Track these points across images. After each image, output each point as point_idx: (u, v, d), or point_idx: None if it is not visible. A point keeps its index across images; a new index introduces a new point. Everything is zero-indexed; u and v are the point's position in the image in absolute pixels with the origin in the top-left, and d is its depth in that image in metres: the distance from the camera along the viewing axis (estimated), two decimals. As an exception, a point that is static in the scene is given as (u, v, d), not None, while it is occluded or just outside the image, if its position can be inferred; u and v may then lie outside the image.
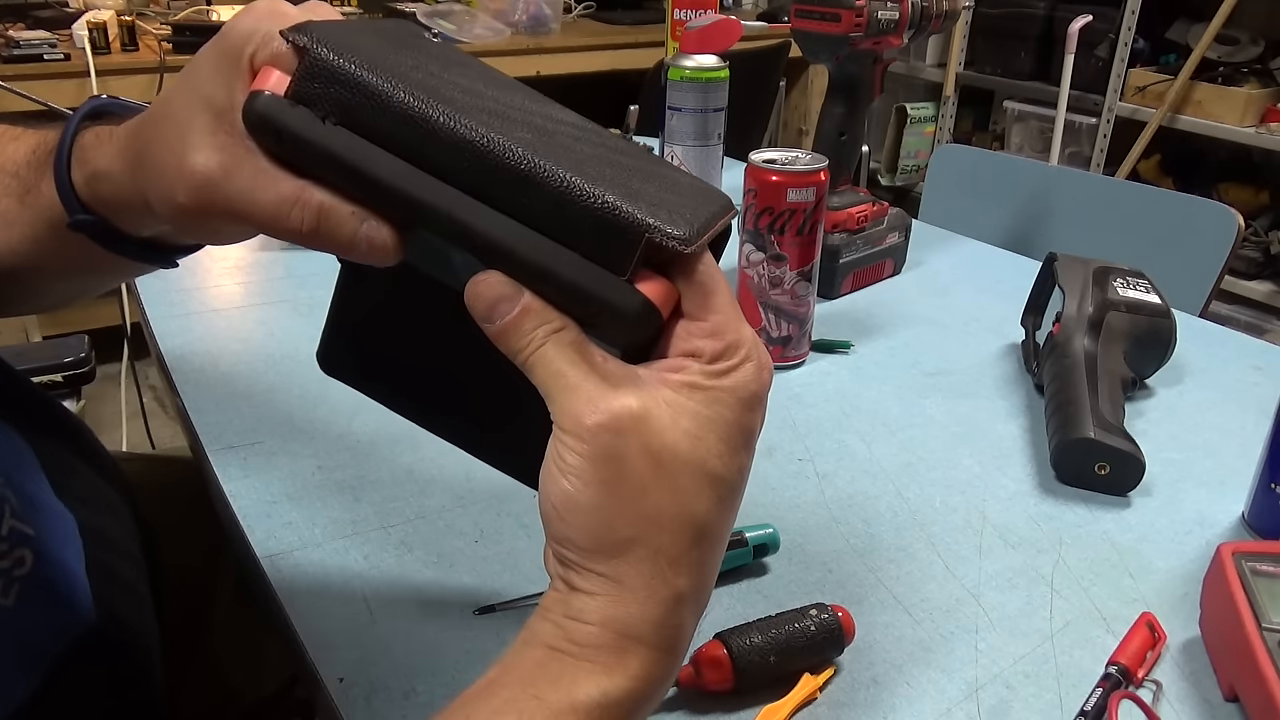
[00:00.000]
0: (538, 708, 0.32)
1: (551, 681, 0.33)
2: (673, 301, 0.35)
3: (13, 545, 0.41)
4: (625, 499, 0.33)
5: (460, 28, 2.39)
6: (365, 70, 0.33)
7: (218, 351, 0.79)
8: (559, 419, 0.33)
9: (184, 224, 0.38)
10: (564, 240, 0.33)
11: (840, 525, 0.60)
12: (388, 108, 0.33)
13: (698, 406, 0.34)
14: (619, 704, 0.33)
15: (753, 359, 0.35)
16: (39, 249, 0.47)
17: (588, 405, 0.33)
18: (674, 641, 0.34)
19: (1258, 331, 2.34)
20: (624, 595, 0.33)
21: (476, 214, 0.33)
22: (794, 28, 0.87)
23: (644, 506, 0.33)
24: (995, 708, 0.47)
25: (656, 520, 0.33)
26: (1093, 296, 0.75)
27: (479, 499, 0.61)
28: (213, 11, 2.41)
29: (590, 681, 0.33)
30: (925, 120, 3.16)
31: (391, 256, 0.35)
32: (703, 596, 0.35)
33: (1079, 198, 1.29)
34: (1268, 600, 0.47)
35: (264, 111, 0.33)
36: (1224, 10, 2.32)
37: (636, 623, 0.33)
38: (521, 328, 0.34)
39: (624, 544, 0.33)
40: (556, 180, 0.33)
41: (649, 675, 0.34)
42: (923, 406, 0.74)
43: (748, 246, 0.77)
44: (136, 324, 0.95)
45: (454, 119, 0.33)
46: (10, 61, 1.93)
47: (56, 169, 0.43)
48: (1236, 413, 0.75)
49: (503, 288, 0.34)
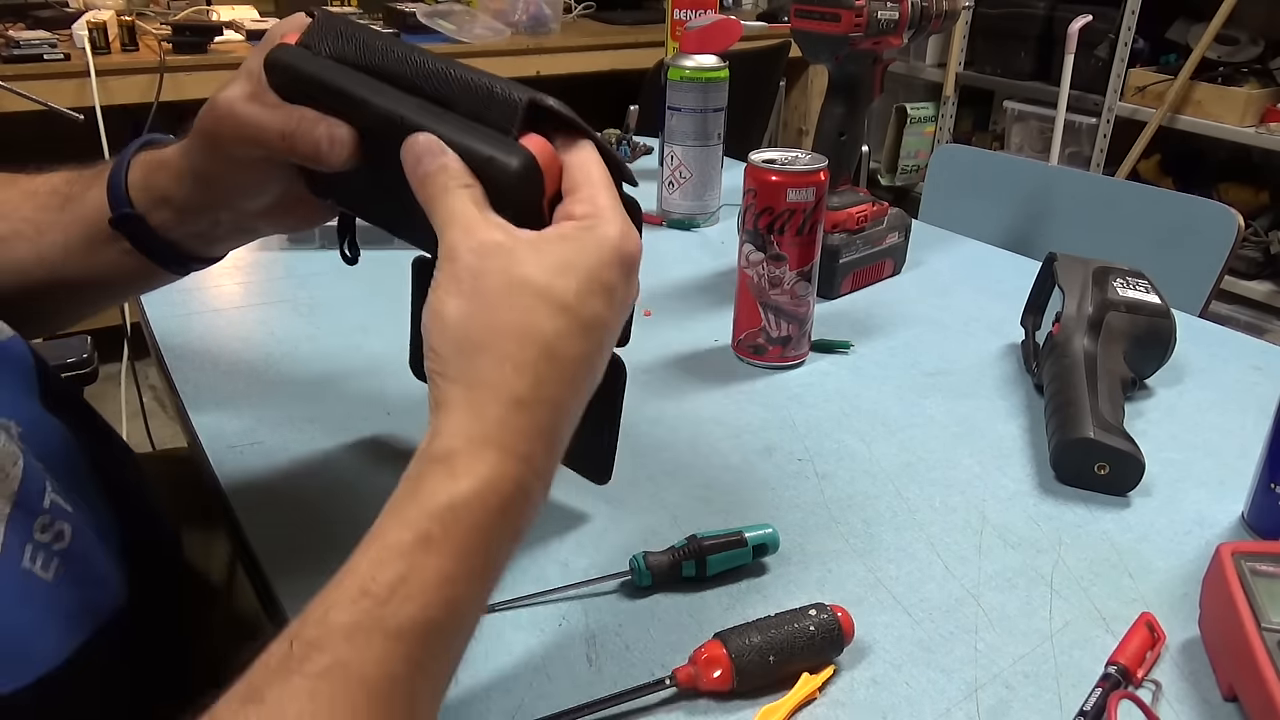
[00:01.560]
0: (394, 523, 0.36)
1: (410, 496, 0.36)
2: (555, 166, 0.42)
3: (54, 518, 0.44)
4: (481, 310, 0.39)
5: (460, 28, 2.39)
6: (348, 24, 0.48)
7: (218, 351, 0.79)
8: (442, 248, 0.40)
9: (206, 150, 0.50)
10: (470, 117, 0.43)
11: (840, 525, 0.60)
12: (360, 43, 0.47)
13: (559, 250, 0.40)
14: (467, 505, 0.36)
15: (617, 224, 0.41)
16: (67, 258, 0.55)
17: (464, 234, 0.40)
18: (518, 444, 0.38)
19: (1258, 331, 2.34)
20: (474, 400, 0.38)
21: (405, 104, 0.44)
22: (794, 28, 0.87)
23: (496, 318, 0.38)
24: (995, 708, 0.47)
25: (505, 331, 0.38)
26: (1092, 296, 0.75)
27: (478, 499, 0.61)
28: (213, 11, 2.41)
29: (440, 487, 0.36)
30: (925, 120, 3.16)
31: (348, 150, 0.46)
32: (549, 413, 0.39)
33: (1079, 198, 1.29)
34: (1267, 600, 0.47)
35: (276, 53, 0.48)
36: (1224, 10, 2.32)
37: (483, 425, 0.37)
38: (438, 179, 0.41)
39: (477, 348, 0.38)
40: (462, 77, 0.44)
41: (496, 476, 0.37)
42: (923, 406, 0.75)
43: (747, 246, 0.77)
44: (136, 324, 0.95)
45: (398, 50, 0.46)
46: (10, 61, 1.93)
47: (115, 170, 0.53)
48: (1236, 413, 0.75)
49: (431, 144, 0.42)
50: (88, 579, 0.45)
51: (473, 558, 0.36)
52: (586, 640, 0.50)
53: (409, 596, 0.34)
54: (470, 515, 0.36)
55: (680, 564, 0.54)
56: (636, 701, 0.46)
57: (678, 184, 1.10)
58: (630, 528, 0.59)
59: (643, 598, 0.53)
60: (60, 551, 0.43)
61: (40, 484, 0.43)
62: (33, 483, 0.43)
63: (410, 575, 0.34)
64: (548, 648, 0.50)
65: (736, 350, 0.81)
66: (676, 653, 0.49)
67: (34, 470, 0.43)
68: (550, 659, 0.49)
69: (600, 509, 0.61)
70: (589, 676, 0.48)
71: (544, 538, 0.58)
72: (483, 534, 0.36)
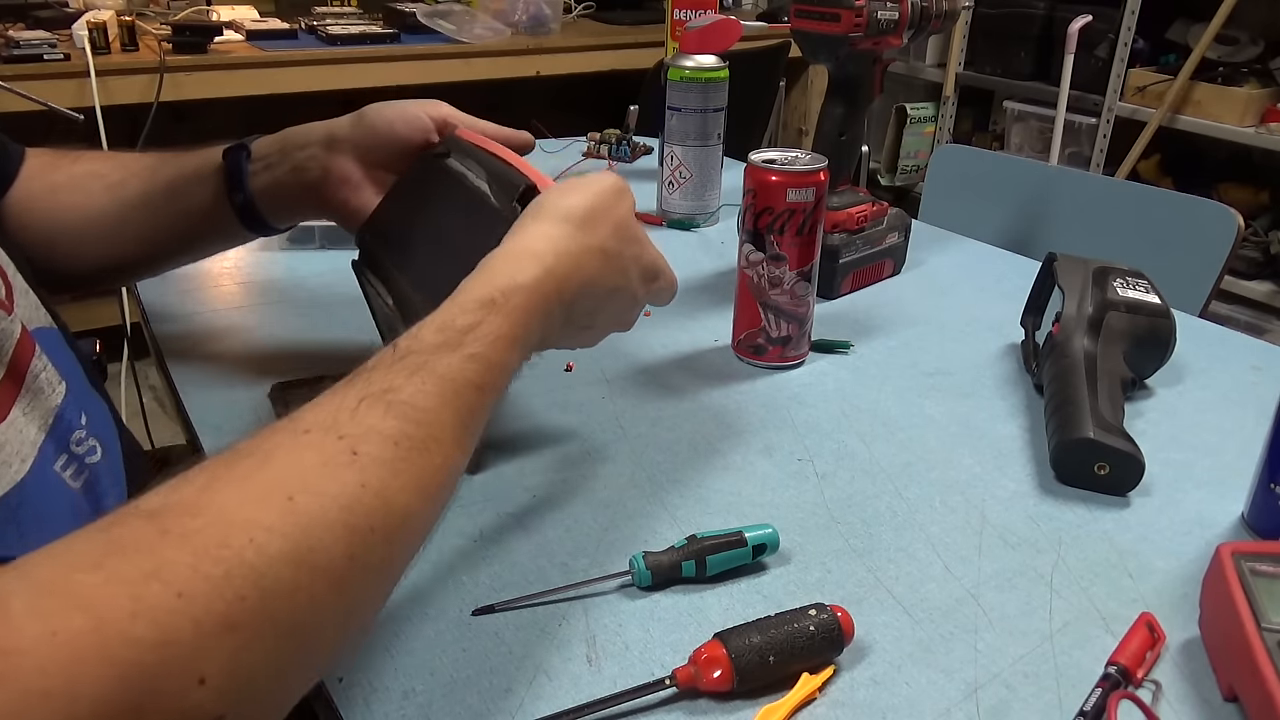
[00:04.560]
0: (472, 285, 0.50)
1: (485, 273, 0.51)
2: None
3: (89, 434, 0.55)
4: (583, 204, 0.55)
5: (460, 28, 2.39)
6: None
7: (218, 351, 0.79)
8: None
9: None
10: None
11: (840, 525, 0.60)
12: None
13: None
14: (521, 288, 0.49)
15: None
16: (170, 195, 0.70)
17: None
18: (559, 279, 0.51)
19: (1258, 331, 2.34)
20: (547, 235, 0.53)
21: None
22: (794, 28, 0.87)
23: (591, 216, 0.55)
24: (994, 708, 0.47)
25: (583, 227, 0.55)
26: (1092, 296, 0.75)
27: (478, 499, 0.61)
28: (213, 11, 2.41)
29: (505, 270, 0.50)
30: (925, 120, 3.16)
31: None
32: (578, 283, 0.53)
33: (1079, 198, 1.29)
34: (1267, 600, 0.47)
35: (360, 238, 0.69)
36: (1224, 10, 2.32)
37: (545, 249, 0.52)
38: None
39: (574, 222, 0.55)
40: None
41: (538, 280, 0.50)
42: (922, 406, 0.74)
43: (747, 246, 0.77)
44: (136, 324, 0.96)
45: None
46: (10, 61, 1.93)
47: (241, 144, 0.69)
48: (1236, 413, 0.75)
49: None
50: (110, 504, 0.54)
51: (516, 329, 0.48)
52: (586, 640, 0.50)
53: (478, 338, 0.46)
54: (520, 297, 0.48)
55: (680, 564, 0.54)
56: (636, 701, 0.46)
57: (678, 184, 1.10)
58: (630, 528, 0.59)
59: (643, 598, 0.53)
60: (91, 465, 0.54)
61: (79, 414, 0.54)
62: (72, 409, 0.54)
63: (480, 324, 0.46)
64: (548, 648, 0.50)
65: (736, 350, 0.81)
66: (676, 653, 0.49)
67: (75, 402, 0.55)
68: (550, 659, 0.49)
69: (600, 509, 0.61)
70: (589, 676, 0.48)
71: (544, 538, 0.58)
72: (525, 315, 0.49)
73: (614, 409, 0.72)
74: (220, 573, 0.32)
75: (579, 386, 0.75)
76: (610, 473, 0.65)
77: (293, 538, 0.34)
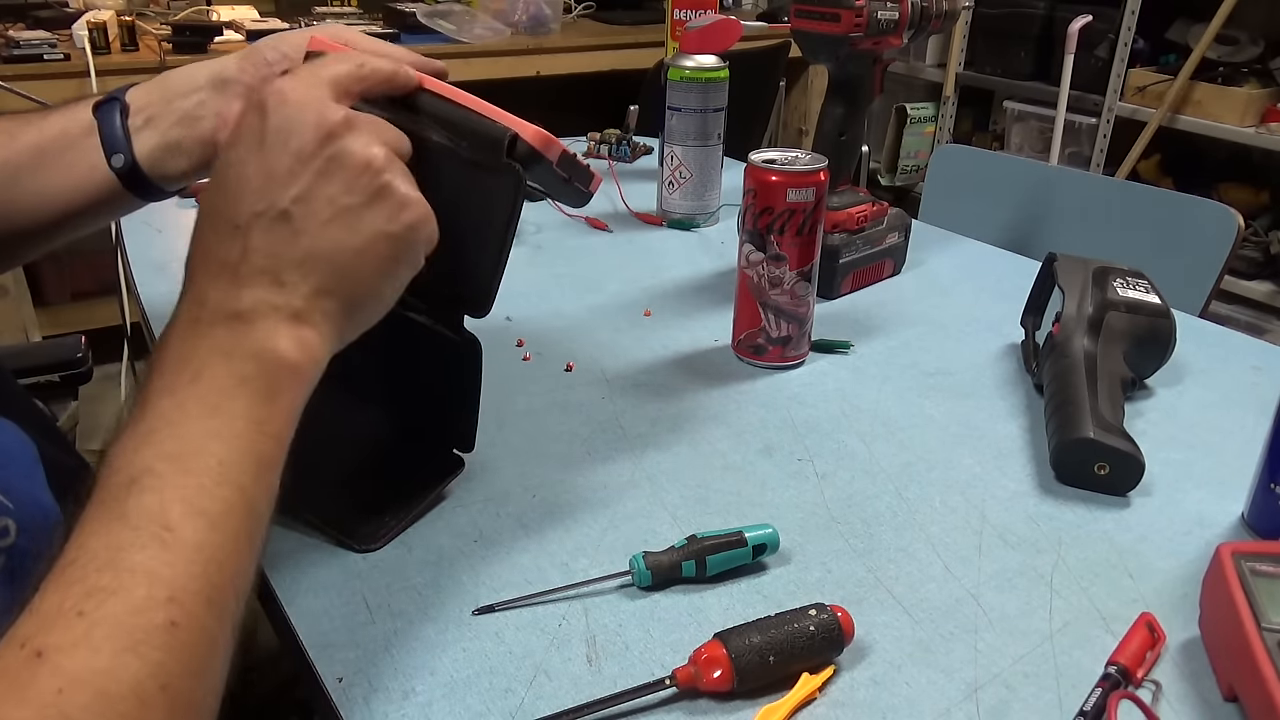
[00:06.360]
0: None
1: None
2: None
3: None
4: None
5: (460, 28, 2.39)
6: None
7: (217, 351, 0.79)
8: None
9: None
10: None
11: (840, 525, 0.60)
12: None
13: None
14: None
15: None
16: (37, 162, 0.59)
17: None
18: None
19: (1258, 331, 2.34)
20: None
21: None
22: (794, 28, 0.87)
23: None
24: (994, 708, 0.47)
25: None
26: (1092, 296, 0.75)
27: (478, 499, 0.61)
28: (213, 11, 2.41)
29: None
30: (925, 120, 3.16)
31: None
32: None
33: (1079, 198, 1.29)
34: (1267, 600, 0.47)
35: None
36: (1224, 10, 2.32)
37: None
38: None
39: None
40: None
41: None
42: (922, 406, 0.74)
43: (747, 246, 0.77)
44: (136, 324, 0.95)
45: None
46: (10, 61, 1.93)
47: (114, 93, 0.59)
48: (1236, 413, 0.75)
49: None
50: (31, 569, 0.44)
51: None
52: (586, 640, 0.50)
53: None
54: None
55: (680, 564, 0.54)
56: (636, 701, 0.46)
57: (678, 184, 1.10)
58: (630, 528, 0.59)
59: (643, 598, 0.53)
60: (6, 549, 0.43)
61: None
62: None
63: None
64: (548, 648, 0.50)
65: (736, 350, 0.81)
66: (676, 653, 0.49)
67: None
68: (550, 659, 0.49)
69: (600, 509, 0.61)
70: (589, 676, 0.48)
71: (544, 538, 0.58)
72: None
73: (614, 409, 0.72)
74: None
75: (579, 386, 0.75)
76: (610, 473, 0.65)
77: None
